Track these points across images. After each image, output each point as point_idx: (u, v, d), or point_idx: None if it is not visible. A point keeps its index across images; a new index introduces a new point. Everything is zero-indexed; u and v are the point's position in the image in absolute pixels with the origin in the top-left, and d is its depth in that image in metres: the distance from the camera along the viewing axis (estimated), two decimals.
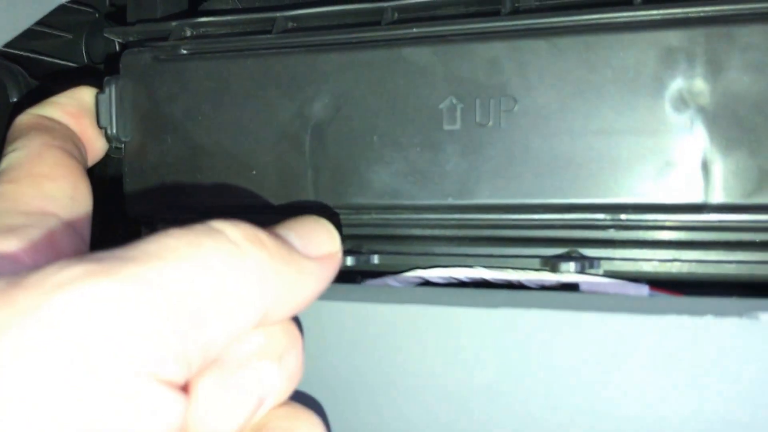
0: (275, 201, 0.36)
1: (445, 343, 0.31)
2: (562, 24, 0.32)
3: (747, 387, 0.27)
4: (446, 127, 0.33)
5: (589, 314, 0.28)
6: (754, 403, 0.27)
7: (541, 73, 0.32)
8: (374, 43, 0.34)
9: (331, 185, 0.35)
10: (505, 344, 0.29)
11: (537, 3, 0.34)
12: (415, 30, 0.34)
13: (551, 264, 0.33)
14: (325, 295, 0.31)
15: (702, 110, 0.31)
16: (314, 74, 0.35)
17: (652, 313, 0.27)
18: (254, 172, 0.36)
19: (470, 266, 0.35)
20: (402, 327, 0.31)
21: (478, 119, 0.33)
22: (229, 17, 0.39)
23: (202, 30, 0.39)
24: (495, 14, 0.34)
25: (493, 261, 0.35)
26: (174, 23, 0.39)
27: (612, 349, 0.29)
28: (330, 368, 0.32)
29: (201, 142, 0.37)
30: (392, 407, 0.32)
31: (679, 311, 0.28)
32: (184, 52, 0.37)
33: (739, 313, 0.27)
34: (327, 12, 0.37)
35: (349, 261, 0.35)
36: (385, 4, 0.36)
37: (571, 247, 0.34)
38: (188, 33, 0.39)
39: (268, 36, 0.37)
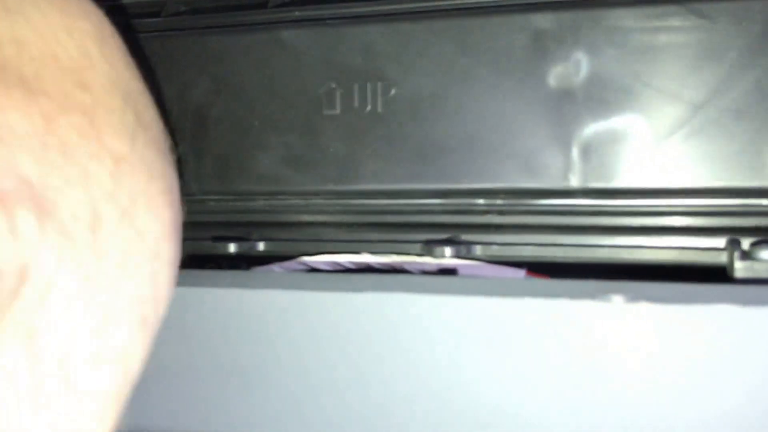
0: None
1: (318, 328, 0.30)
2: (438, 7, 0.32)
3: (601, 367, 0.27)
4: (326, 112, 0.33)
5: (446, 297, 0.28)
6: (606, 378, 0.27)
7: (418, 58, 0.32)
8: (254, 26, 0.34)
9: (213, 171, 0.35)
10: (370, 329, 0.29)
11: None
12: (297, 13, 0.34)
13: (430, 249, 0.33)
14: (205, 282, 0.31)
15: (572, 94, 0.30)
16: (194, 58, 0.35)
17: (507, 296, 0.27)
18: None
19: (356, 252, 0.35)
20: (279, 313, 0.31)
21: (356, 104, 0.33)
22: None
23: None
24: None
25: (377, 246, 0.35)
26: None
27: (479, 333, 0.28)
28: (214, 354, 0.32)
29: None
30: (273, 392, 0.32)
31: (540, 294, 0.28)
32: None
33: (593, 296, 0.27)
34: None
35: (232, 248, 0.35)
36: None
37: (453, 233, 0.34)
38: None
39: (156, 19, 0.36)
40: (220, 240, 0.36)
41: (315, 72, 0.33)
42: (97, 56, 0.22)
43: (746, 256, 0.29)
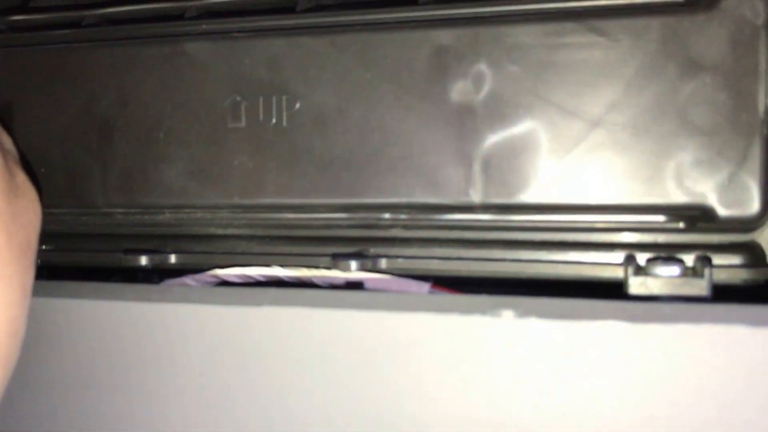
0: (64, 201, 0.35)
1: (220, 341, 0.30)
2: (341, 22, 0.32)
3: (496, 381, 0.27)
4: (231, 124, 0.33)
5: (346, 312, 0.28)
6: (497, 391, 0.27)
7: (321, 72, 0.32)
8: (160, 39, 0.34)
9: (119, 184, 0.34)
10: (269, 343, 0.29)
11: (330, 1, 0.34)
12: (204, 26, 0.34)
13: (337, 263, 0.33)
14: (117, 295, 0.30)
15: (472, 110, 0.31)
16: (100, 69, 0.34)
17: (404, 311, 0.27)
18: (42, 170, 0.35)
19: (267, 265, 0.35)
20: (184, 326, 0.31)
21: (261, 117, 0.33)
22: (43, 15, 0.37)
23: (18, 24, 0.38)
24: (286, 11, 0.33)
25: (288, 260, 0.35)
26: None
27: (378, 345, 0.28)
28: (125, 368, 0.32)
29: None
30: (181, 405, 0.31)
31: (434, 309, 0.28)
32: None
33: (484, 311, 0.27)
34: (132, 11, 0.36)
35: (143, 261, 0.35)
36: (188, 3, 0.35)
37: (360, 246, 0.34)
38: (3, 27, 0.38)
39: (65, 32, 0.36)
40: (130, 252, 0.36)
41: (220, 85, 0.33)
42: None
43: (641, 271, 0.29)
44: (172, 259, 0.36)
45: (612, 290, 0.30)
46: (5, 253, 0.25)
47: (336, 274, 0.34)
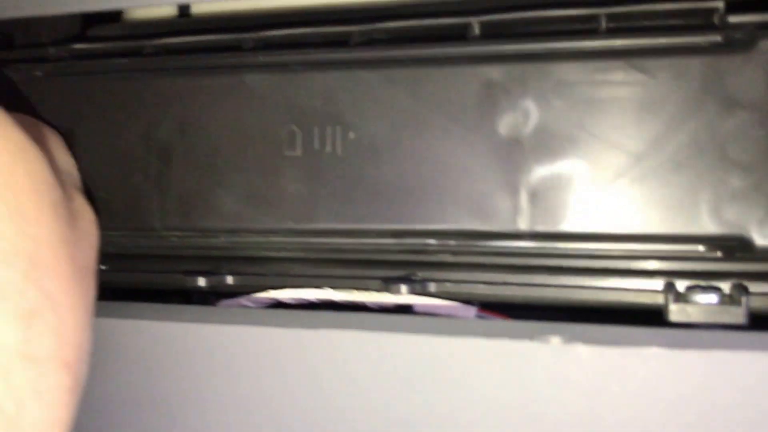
0: (123, 223, 0.37)
1: (282, 362, 0.32)
2: (394, 57, 0.34)
3: (542, 405, 0.28)
4: (287, 153, 0.35)
5: (409, 336, 0.30)
6: (543, 416, 0.28)
7: (375, 104, 0.34)
8: (219, 69, 0.36)
9: (177, 208, 0.36)
10: (323, 364, 0.31)
11: (383, 38, 0.36)
12: (261, 58, 0.35)
13: (387, 286, 0.34)
14: (177, 317, 0.32)
15: (520, 142, 0.32)
16: (160, 98, 0.36)
17: (455, 335, 0.29)
18: (102, 194, 0.37)
19: (319, 287, 0.36)
20: (242, 347, 0.32)
21: (316, 146, 0.34)
22: (102, 44, 0.39)
23: (76, 52, 0.40)
24: (340, 44, 0.35)
25: (339, 282, 0.36)
26: (51, 48, 0.40)
27: (428, 370, 0.30)
28: (182, 388, 0.33)
29: None
30: (237, 426, 0.33)
31: (483, 334, 0.29)
32: (39, 74, 0.38)
33: (531, 336, 0.28)
34: (191, 42, 0.38)
35: (201, 282, 0.37)
36: (246, 35, 0.37)
37: (409, 269, 0.35)
38: (64, 54, 0.40)
39: (125, 60, 0.38)
40: (189, 274, 0.37)
41: (277, 115, 0.35)
42: None
43: (680, 299, 0.30)
44: (229, 280, 0.37)
45: (650, 317, 0.32)
46: (70, 280, 0.26)
47: (386, 297, 0.35)
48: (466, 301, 0.35)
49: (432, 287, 0.35)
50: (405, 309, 0.35)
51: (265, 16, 0.38)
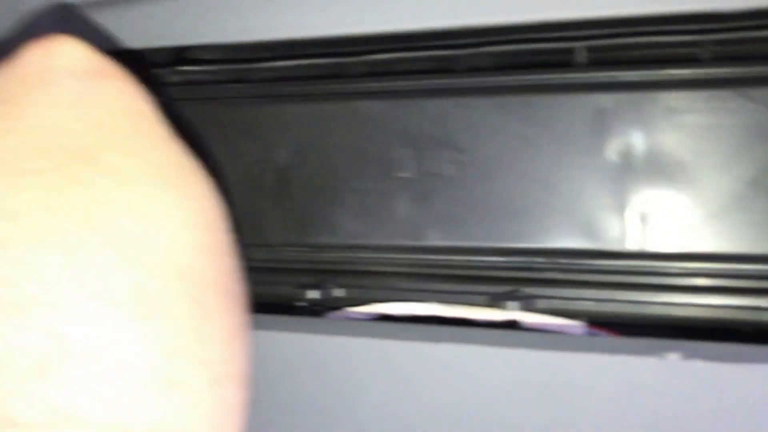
0: (243, 237, 0.39)
1: (395, 375, 0.33)
2: (506, 84, 0.35)
3: (659, 421, 0.30)
4: (400, 174, 0.36)
5: (524, 351, 0.31)
6: (657, 426, 0.29)
7: (485, 128, 0.35)
8: (334, 96, 0.38)
9: (293, 225, 0.38)
10: (446, 378, 0.32)
11: (487, 62, 0.37)
12: (372, 84, 0.37)
13: (496, 302, 0.36)
14: (289, 327, 0.34)
15: (628, 166, 0.33)
16: (280, 123, 0.38)
17: (570, 351, 0.30)
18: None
19: (425, 302, 0.38)
20: (357, 359, 0.34)
21: (428, 168, 0.36)
22: (209, 67, 0.42)
23: (187, 77, 0.42)
24: (449, 71, 0.37)
25: (445, 297, 0.38)
26: (161, 70, 0.42)
27: (541, 386, 0.31)
28: (301, 399, 0.35)
29: None
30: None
31: (600, 350, 0.30)
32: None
33: (650, 352, 0.29)
34: (299, 65, 0.40)
35: (314, 294, 0.39)
36: (353, 59, 0.39)
37: (516, 286, 0.37)
38: (174, 79, 0.42)
39: (244, 85, 0.40)
40: (302, 287, 0.39)
41: (390, 138, 0.36)
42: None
43: None
44: (339, 293, 0.39)
45: (760, 335, 0.33)
46: (241, 305, 0.28)
47: (493, 313, 0.37)
48: (573, 317, 0.36)
49: (539, 303, 0.36)
50: (511, 325, 0.36)
51: (366, 39, 0.40)
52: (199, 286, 0.25)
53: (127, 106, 0.26)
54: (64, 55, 0.26)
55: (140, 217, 0.24)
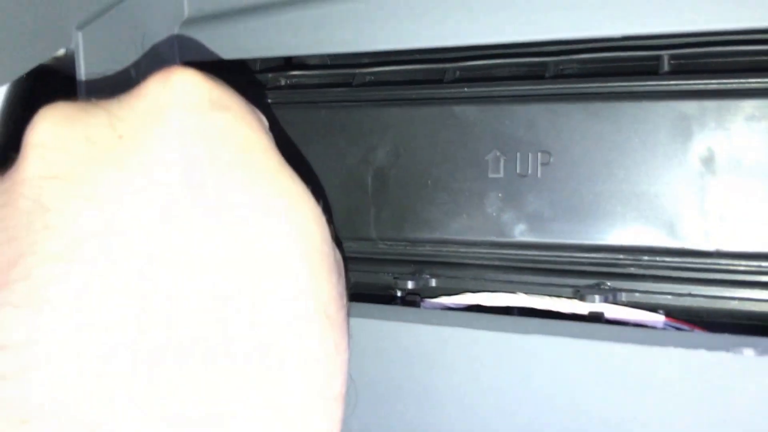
0: (345, 234, 0.42)
1: (484, 363, 0.37)
2: (593, 90, 0.37)
3: (733, 416, 0.32)
4: (490, 175, 0.39)
5: (607, 344, 0.34)
6: (736, 427, 0.31)
7: (573, 133, 0.38)
8: (430, 101, 0.40)
9: (390, 221, 0.41)
10: (535, 368, 0.35)
11: (575, 69, 0.39)
12: (466, 90, 0.40)
13: (580, 294, 0.38)
14: (387, 316, 0.37)
15: (709, 169, 0.35)
16: (378, 125, 0.41)
17: (651, 345, 0.33)
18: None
19: (513, 292, 0.41)
20: (451, 347, 0.37)
21: (518, 170, 0.39)
22: (316, 71, 0.45)
23: (294, 80, 0.46)
24: (538, 77, 0.39)
25: (532, 288, 0.41)
26: (270, 75, 0.46)
27: (623, 378, 0.34)
28: (390, 381, 0.39)
29: None
30: (439, 418, 0.38)
31: (680, 344, 0.33)
32: (270, 101, 0.44)
33: (727, 348, 0.32)
34: (398, 70, 0.43)
35: (410, 284, 0.42)
36: (448, 65, 0.42)
37: (599, 279, 0.39)
38: (282, 83, 0.46)
39: (342, 89, 0.43)
40: (398, 276, 0.43)
41: (482, 141, 0.39)
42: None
43: None
44: (432, 283, 0.42)
45: None
46: (345, 324, 0.29)
47: (578, 305, 0.39)
48: (653, 310, 0.38)
49: (623, 296, 0.38)
50: (596, 317, 0.39)
51: (462, 48, 0.42)
52: (318, 312, 0.28)
53: (239, 138, 0.27)
54: (182, 88, 0.26)
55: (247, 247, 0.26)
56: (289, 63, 0.49)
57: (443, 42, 0.38)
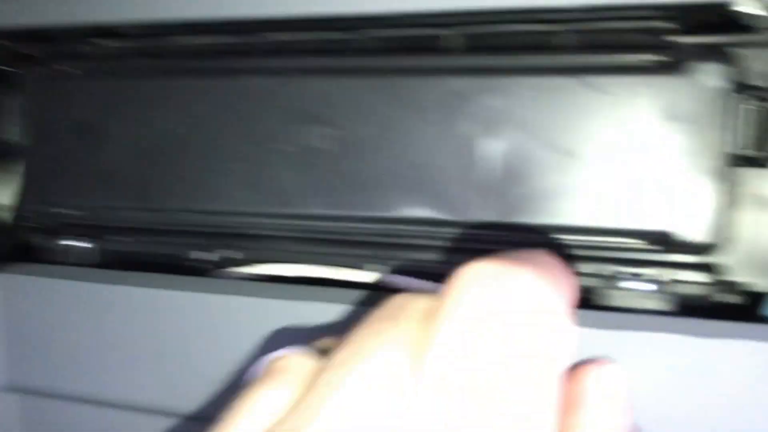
0: (140, 204, 0.43)
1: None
2: (379, 66, 0.39)
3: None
4: (283, 148, 0.41)
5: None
6: None
7: (361, 108, 0.39)
8: (228, 72, 0.41)
9: (183, 192, 0.42)
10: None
11: (369, 44, 0.41)
12: (265, 63, 0.41)
13: (363, 265, 0.40)
14: (173, 286, 0.38)
15: (481, 146, 0.37)
16: (181, 97, 0.42)
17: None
18: (125, 178, 0.43)
19: (301, 264, 0.42)
20: (239, 315, 0.38)
21: (310, 143, 0.40)
22: (117, 42, 0.46)
23: (99, 50, 0.46)
24: (334, 52, 0.41)
25: (320, 258, 0.42)
26: (75, 43, 0.46)
27: None
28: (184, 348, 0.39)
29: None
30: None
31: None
32: (71, 71, 0.44)
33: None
34: (203, 43, 0.44)
35: (203, 255, 0.43)
36: (249, 39, 0.43)
37: (375, 250, 0.41)
38: (86, 51, 0.46)
39: (145, 59, 0.44)
40: (190, 247, 0.43)
41: (276, 114, 0.40)
42: None
43: None
44: (226, 254, 0.43)
45: None
46: None
47: (355, 274, 0.41)
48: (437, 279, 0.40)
49: (393, 265, 0.40)
50: (375, 286, 0.40)
51: (269, 22, 0.43)
52: None
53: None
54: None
55: None
56: (94, 31, 0.49)
57: (248, 12, 0.39)
